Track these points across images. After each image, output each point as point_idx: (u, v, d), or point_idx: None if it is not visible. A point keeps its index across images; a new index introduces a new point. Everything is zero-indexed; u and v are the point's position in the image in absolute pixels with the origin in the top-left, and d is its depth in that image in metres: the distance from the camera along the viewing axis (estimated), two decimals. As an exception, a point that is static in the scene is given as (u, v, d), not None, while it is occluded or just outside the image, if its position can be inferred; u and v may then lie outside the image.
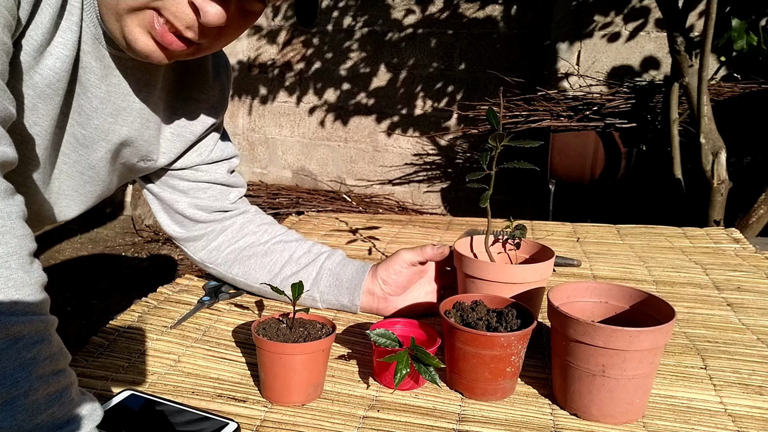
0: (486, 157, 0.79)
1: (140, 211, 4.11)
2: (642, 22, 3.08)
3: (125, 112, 0.81)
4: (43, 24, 0.65)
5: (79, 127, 0.78)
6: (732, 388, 0.76)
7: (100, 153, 0.82)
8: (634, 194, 2.84)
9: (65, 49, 0.68)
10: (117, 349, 0.84)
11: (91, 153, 0.81)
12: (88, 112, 0.77)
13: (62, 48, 0.68)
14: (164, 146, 0.90)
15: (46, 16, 0.64)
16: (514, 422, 0.69)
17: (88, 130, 0.79)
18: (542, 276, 0.84)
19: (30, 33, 0.64)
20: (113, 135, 0.82)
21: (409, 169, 3.88)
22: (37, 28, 0.64)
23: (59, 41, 0.68)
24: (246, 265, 0.99)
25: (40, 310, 0.54)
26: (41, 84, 0.68)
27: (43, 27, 0.65)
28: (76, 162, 0.81)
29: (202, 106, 0.91)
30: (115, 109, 0.80)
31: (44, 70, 0.67)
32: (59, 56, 0.68)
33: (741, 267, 1.20)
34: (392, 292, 0.93)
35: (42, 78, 0.68)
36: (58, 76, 0.69)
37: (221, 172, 0.98)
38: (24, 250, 0.54)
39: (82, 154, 0.81)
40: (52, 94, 0.70)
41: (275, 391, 0.72)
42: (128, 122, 0.82)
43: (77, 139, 0.79)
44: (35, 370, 0.51)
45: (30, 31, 0.64)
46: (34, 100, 0.69)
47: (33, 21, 0.64)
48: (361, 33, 3.79)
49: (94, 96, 0.77)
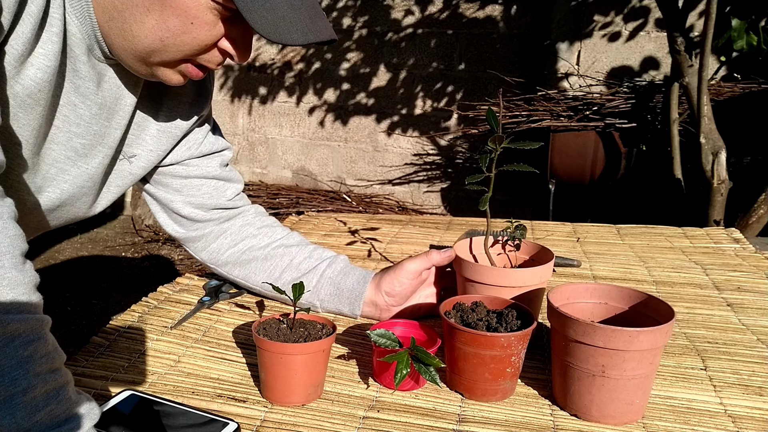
0: (485, 159, 0.79)
1: (140, 211, 4.11)
2: (642, 22, 3.08)
3: (118, 114, 0.81)
4: (24, 34, 0.64)
5: (77, 138, 0.78)
6: (732, 389, 0.76)
7: (98, 159, 0.82)
8: (634, 194, 2.84)
9: (47, 59, 0.68)
10: (117, 349, 0.84)
11: (90, 161, 0.81)
12: (87, 119, 0.77)
13: (43, 59, 0.67)
14: (150, 143, 0.89)
15: (27, 26, 0.64)
16: (514, 423, 0.69)
17: (87, 138, 0.79)
18: (541, 279, 0.84)
19: (11, 42, 0.64)
20: (109, 138, 0.82)
21: (409, 169, 3.88)
22: (18, 38, 0.64)
23: (40, 52, 0.67)
24: (246, 268, 0.98)
25: (35, 310, 0.54)
26: (22, 94, 0.67)
27: (24, 37, 0.64)
28: (75, 177, 0.81)
29: (185, 100, 0.90)
30: (110, 112, 0.80)
31: (25, 80, 0.67)
32: (40, 66, 0.67)
33: (741, 267, 1.20)
34: (395, 303, 0.93)
35: (23, 88, 0.67)
36: (39, 86, 0.68)
37: (213, 165, 0.97)
38: (16, 249, 0.54)
39: (81, 166, 0.81)
40: (34, 104, 0.69)
41: (275, 391, 0.72)
42: (121, 125, 0.82)
43: (77, 151, 0.79)
44: (32, 368, 0.51)
45: (11, 40, 0.64)
46: (14, 109, 0.68)
47: (14, 30, 0.63)
48: (361, 33, 3.79)
49: (93, 103, 0.77)
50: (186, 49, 0.70)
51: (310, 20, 0.69)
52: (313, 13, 0.69)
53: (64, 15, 0.69)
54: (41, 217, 0.83)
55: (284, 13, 0.66)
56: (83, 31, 0.71)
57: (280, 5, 0.66)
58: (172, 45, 0.69)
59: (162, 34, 0.68)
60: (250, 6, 0.65)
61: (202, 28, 0.68)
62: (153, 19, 0.67)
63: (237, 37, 0.72)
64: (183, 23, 0.67)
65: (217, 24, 0.69)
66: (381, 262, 1.23)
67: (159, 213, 0.98)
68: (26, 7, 0.63)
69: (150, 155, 0.89)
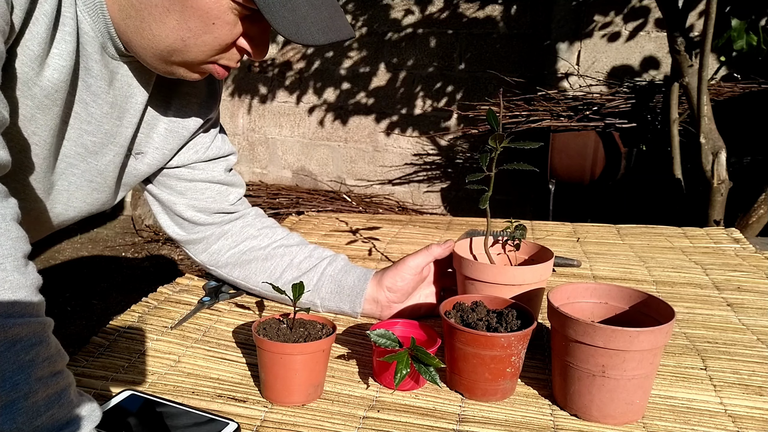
0: (485, 158, 0.79)
1: (140, 211, 4.11)
2: (642, 22, 3.08)
3: (129, 113, 0.81)
4: (39, 34, 0.64)
5: (89, 136, 0.78)
6: (732, 389, 0.76)
7: (108, 157, 0.82)
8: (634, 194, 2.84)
9: (62, 59, 0.68)
10: (117, 349, 0.84)
11: (100, 159, 0.81)
12: (98, 118, 0.77)
13: (59, 59, 0.68)
14: (157, 141, 0.89)
15: (41, 26, 0.64)
16: (514, 423, 0.69)
17: (98, 137, 0.79)
18: (541, 277, 0.84)
19: (26, 43, 0.64)
20: (120, 137, 0.82)
21: (409, 169, 3.88)
22: (34, 39, 0.64)
23: (55, 52, 0.67)
24: (246, 269, 0.98)
25: (37, 312, 0.54)
26: (40, 95, 0.68)
27: (39, 37, 0.64)
28: (85, 171, 0.81)
29: (194, 101, 0.90)
30: (121, 111, 0.80)
31: (43, 81, 0.67)
32: (56, 67, 0.68)
33: (741, 267, 1.20)
34: (397, 300, 0.93)
35: (41, 89, 0.67)
36: (56, 87, 0.69)
37: (218, 170, 0.97)
38: (19, 252, 0.54)
39: (91, 162, 0.81)
40: (51, 104, 0.70)
41: (275, 391, 0.72)
42: (132, 123, 0.82)
43: (87, 147, 0.79)
44: (34, 373, 0.51)
45: (26, 41, 0.64)
46: (32, 110, 0.68)
47: (28, 30, 0.63)
48: (361, 33, 3.79)
49: (104, 102, 0.77)
50: (207, 49, 0.70)
51: (330, 19, 0.68)
52: (333, 11, 0.69)
53: (76, 13, 0.69)
54: (47, 218, 0.83)
55: (305, 13, 0.66)
56: (95, 29, 0.71)
57: (301, 5, 0.66)
58: (194, 45, 0.70)
59: (183, 35, 0.68)
60: (271, 6, 0.65)
61: (223, 28, 0.68)
62: (174, 19, 0.67)
63: (255, 35, 0.72)
64: (204, 23, 0.68)
65: (237, 23, 0.69)
66: (381, 261, 1.23)
67: (161, 215, 0.98)
68: (39, 6, 0.63)
69: (156, 153, 0.89)
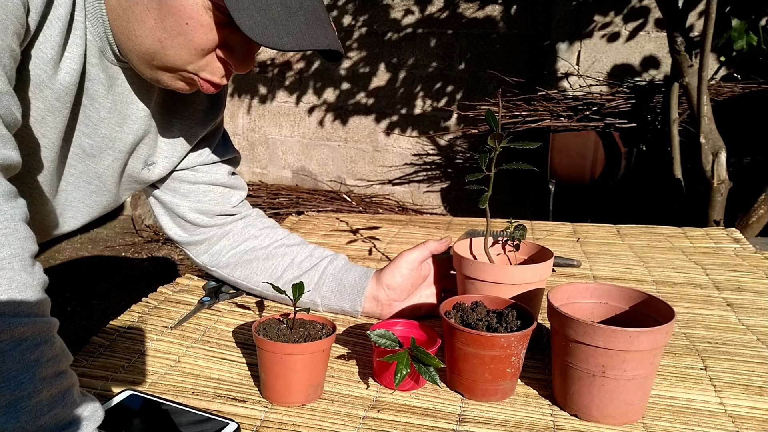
0: (485, 158, 0.79)
1: (140, 211, 4.11)
2: (642, 22, 3.08)
3: (130, 119, 0.82)
4: (53, 38, 0.65)
5: (86, 138, 0.78)
6: (732, 389, 0.76)
7: (107, 161, 0.82)
8: (634, 194, 2.84)
9: (72, 63, 0.69)
10: (117, 349, 0.84)
11: (99, 162, 0.82)
12: (96, 122, 0.78)
13: (70, 62, 0.68)
14: (165, 150, 0.89)
15: (55, 29, 0.64)
16: (514, 423, 0.69)
17: (95, 140, 0.79)
18: (541, 277, 0.84)
19: (40, 46, 0.64)
20: (120, 143, 0.82)
21: (409, 169, 3.88)
22: (48, 42, 0.65)
23: (68, 55, 0.68)
24: (247, 268, 0.98)
25: (42, 312, 0.54)
26: (51, 98, 0.68)
27: (53, 40, 0.65)
28: (83, 172, 0.81)
29: (199, 108, 0.91)
30: (121, 117, 0.80)
31: (56, 84, 0.68)
32: (68, 71, 0.68)
33: (741, 267, 1.20)
34: (397, 297, 0.93)
35: (52, 92, 0.68)
36: (67, 90, 0.70)
37: (222, 173, 0.98)
38: (26, 252, 0.54)
39: (89, 164, 0.81)
40: (61, 107, 0.70)
41: (275, 391, 0.72)
42: (133, 130, 0.83)
43: (84, 149, 0.79)
44: (39, 372, 0.51)
45: (40, 44, 0.64)
46: (43, 113, 0.69)
47: (42, 33, 0.64)
48: (360, 33, 3.79)
49: (101, 106, 0.77)
50: (184, 53, 0.69)
51: (305, 25, 0.66)
52: (312, 18, 0.67)
53: (85, 16, 0.69)
54: (51, 222, 0.83)
55: (276, 16, 0.64)
56: (94, 33, 0.71)
57: (274, 7, 0.64)
58: (170, 47, 0.69)
59: (160, 35, 0.68)
60: (240, 5, 0.63)
61: (197, 30, 0.67)
62: (152, 18, 0.67)
63: (235, 45, 0.71)
64: (178, 23, 0.67)
65: (212, 28, 0.68)
66: (381, 261, 1.23)
67: (162, 216, 0.98)
68: (54, 9, 0.64)
69: (166, 162, 0.90)
